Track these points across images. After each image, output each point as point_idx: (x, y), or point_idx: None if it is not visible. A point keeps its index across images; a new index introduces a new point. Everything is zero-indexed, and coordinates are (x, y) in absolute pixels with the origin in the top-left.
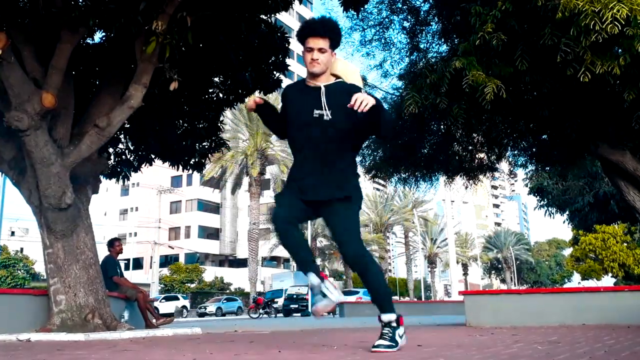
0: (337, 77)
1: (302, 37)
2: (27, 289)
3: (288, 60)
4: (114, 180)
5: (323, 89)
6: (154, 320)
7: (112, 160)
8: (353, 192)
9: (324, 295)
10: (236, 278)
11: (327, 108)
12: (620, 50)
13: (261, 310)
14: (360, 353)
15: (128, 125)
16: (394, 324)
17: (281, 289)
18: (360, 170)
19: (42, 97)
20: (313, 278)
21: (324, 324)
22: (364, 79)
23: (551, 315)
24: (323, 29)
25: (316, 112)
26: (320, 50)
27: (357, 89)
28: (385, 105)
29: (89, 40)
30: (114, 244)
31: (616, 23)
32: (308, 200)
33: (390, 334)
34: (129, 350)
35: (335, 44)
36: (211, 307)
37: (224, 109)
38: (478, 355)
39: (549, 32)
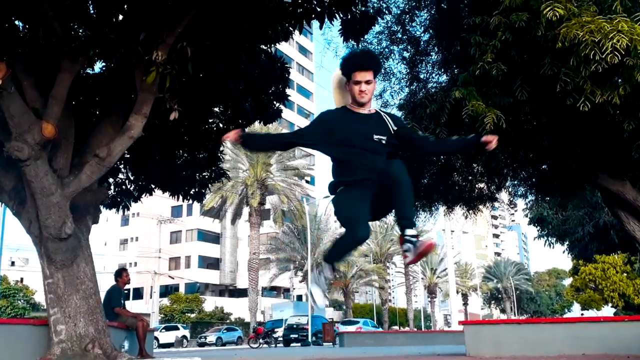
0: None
1: (349, 71)
2: (27, 319)
3: (288, 91)
4: (114, 210)
5: (383, 115)
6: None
7: (112, 190)
8: None
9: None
10: (236, 308)
11: (388, 131)
12: (620, 80)
13: (261, 340)
14: None
15: (128, 155)
16: None
17: (281, 318)
18: None
19: (43, 127)
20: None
21: (324, 354)
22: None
23: (551, 345)
24: (368, 63)
25: (376, 137)
26: (367, 82)
27: (397, 117)
28: None
29: (89, 70)
30: (122, 274)
31: (616, 53)
32: None
33: None
34: None
35: (377, 73)
36: (211, 337)
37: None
38: None
39: (548, 62)
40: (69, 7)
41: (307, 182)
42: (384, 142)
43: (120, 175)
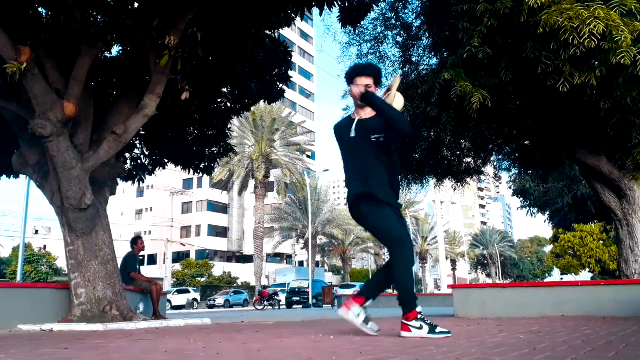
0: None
1: (351, 77)
2: (50, 283)
3: (290, 73)
4: (130, 182)
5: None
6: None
7: (128, 165)
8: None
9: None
10: (243, 273)
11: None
12: (596, 62)
13: (266, 303)
14: (357, 342)
15: (143, 132)
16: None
17: (284, 282)
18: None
19: (64, 106)
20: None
21: (324, 315)
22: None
23: (533, 307)
24: (369, 70)
25: (373, 137)
26: (367, 86)
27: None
28: None
29: (107, 54)
30: (137, 242)
31: (593, 38)
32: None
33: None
34: (144, 340)
35: (377, 81)
36: (220, 300)
37: (231, 117)
38: (466, 344)
39: (531, 46)
40: None
41: (308, 156)
42: (382, 139)
43: (136, 151)
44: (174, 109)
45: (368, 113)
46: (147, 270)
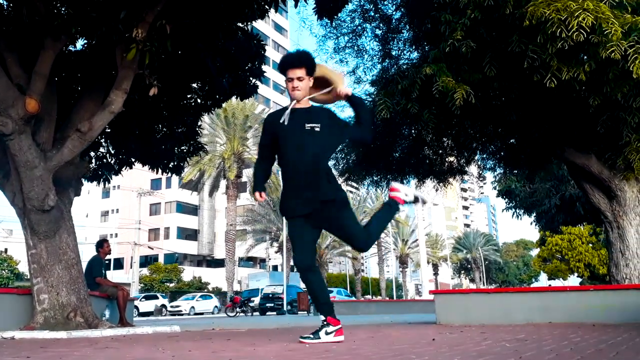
0: (320, 86)
1: (283, 69)
2: (11, 288)
3: (264, 67)
4: (95, 183)
5: (321, 109)
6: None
7: (93, 164)
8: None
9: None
10: (214, 278)
11: (324, 120)
12: (585, 57)
13: (238, 309)
14: (334, 350)
15: (109, 130)
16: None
17: (257, 288)
18: (334, 173)
19: (26, 103)
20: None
21: (298, 323)
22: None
23: (519, 313)
24: (299, 61)
25: (308, 125)
26: (299, 79)
27: (334, 114)
28: None
29: (71, 48)
30: (103, 245)
31: (582, 31)
32: (309, 214)
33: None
34: (110, 348)
35: (310, 71)
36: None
37: (202, 113)
38: (448, 352)
39: (516, 39)
40: None
41: None
42: (317, 129)
43: (101, 149)
44: (142, 105)
45: (303, 103)
46: (113, 275)
